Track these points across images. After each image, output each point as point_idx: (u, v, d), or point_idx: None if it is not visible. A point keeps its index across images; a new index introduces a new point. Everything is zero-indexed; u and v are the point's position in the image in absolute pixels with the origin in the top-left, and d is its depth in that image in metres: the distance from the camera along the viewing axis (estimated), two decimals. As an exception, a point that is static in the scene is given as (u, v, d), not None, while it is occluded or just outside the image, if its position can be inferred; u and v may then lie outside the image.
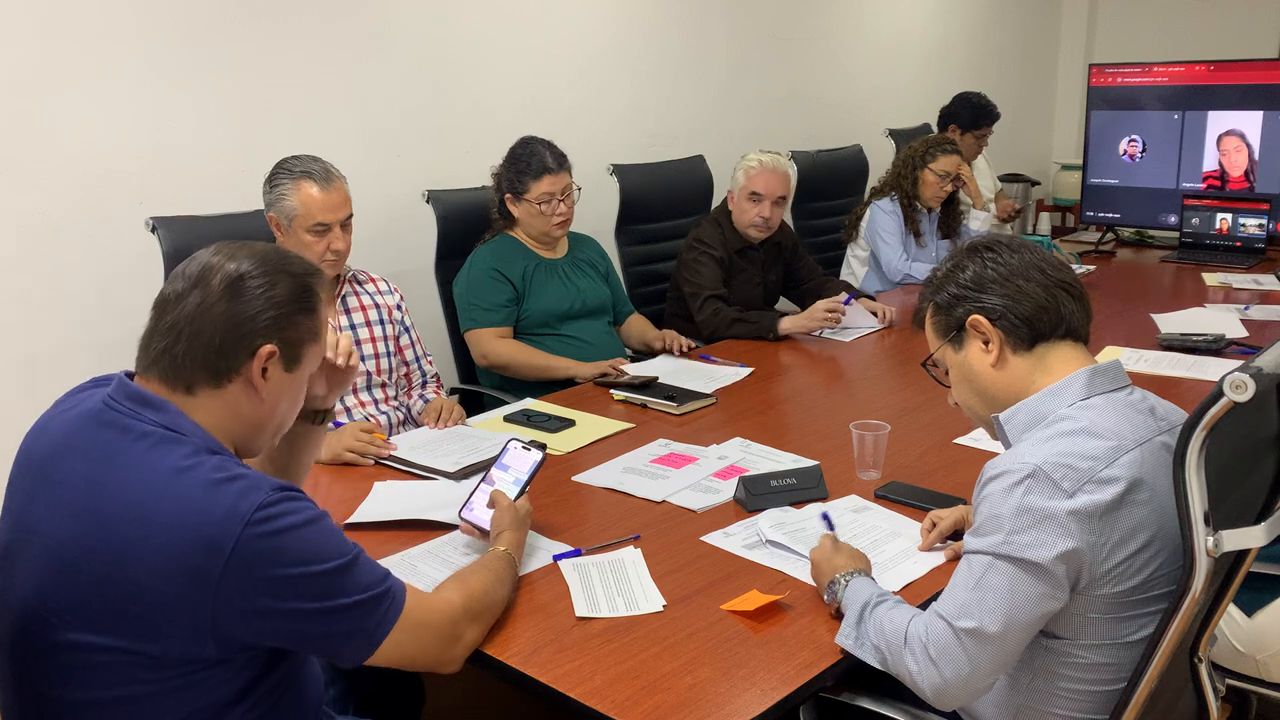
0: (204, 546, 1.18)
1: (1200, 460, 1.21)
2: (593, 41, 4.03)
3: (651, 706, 1.36)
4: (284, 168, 2.41)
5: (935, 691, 1.35)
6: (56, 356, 2.76)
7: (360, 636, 1.30)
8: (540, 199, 2.90)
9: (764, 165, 3.34)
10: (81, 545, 1.21)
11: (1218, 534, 1.23)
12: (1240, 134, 4.54)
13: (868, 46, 5.34)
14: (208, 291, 1.30)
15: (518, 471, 1.80)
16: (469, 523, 1.78)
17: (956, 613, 1.33)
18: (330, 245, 2.40)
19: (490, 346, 2.92)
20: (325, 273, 2.40)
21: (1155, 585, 1.34)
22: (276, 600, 1.22)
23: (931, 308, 1.55)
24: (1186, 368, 2.76)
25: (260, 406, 1.35)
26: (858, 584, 1.52)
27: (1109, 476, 1.30)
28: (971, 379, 1.51)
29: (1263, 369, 1.18)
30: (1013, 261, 1.47)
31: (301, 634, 1.27)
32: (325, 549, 1.26)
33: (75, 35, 2.72)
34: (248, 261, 1.33)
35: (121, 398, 1.29)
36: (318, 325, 1.40)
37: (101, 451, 1.25)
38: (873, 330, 3.25)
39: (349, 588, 1.28)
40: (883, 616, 1.43)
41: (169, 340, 1.29)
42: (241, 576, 1.19)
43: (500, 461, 1.84)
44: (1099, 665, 1.36)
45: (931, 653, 1.34)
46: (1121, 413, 1.39)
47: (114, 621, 1.20)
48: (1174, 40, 6.02)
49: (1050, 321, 1.45)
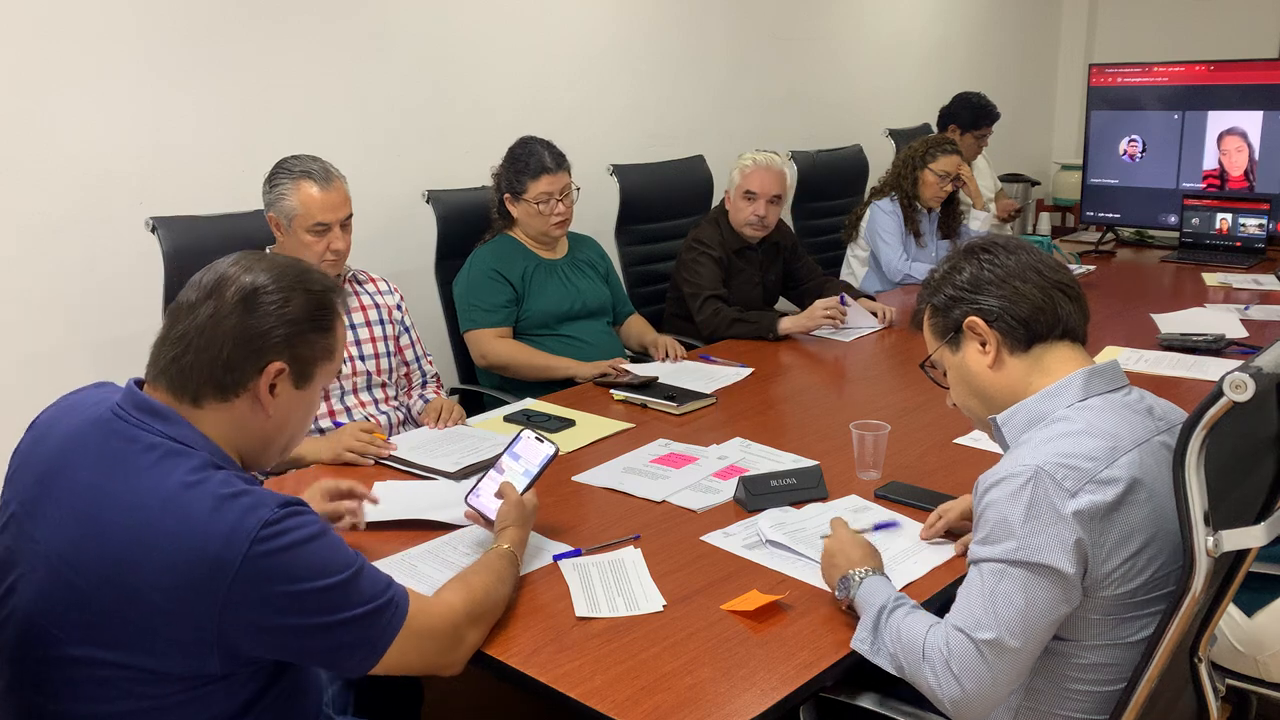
0: (209, 563, 1.17)
1: (1200, 460, 1.21)
2: (593, 41, 4.03)
3: (651, 706, 1.36)
4: (283, 167, 2.41)
5: (956, 704, 1.34)
6: (56, 356, 2.76)
7: (365, 648, 1.30)
8: (538, 199, 2.90)
9: (758, 164, 3.33)
10: (82, 554, 1.20)
11: (1218, 534, 1.22)
12: (1242, 133, 4.54)
13: (868, 46, 5.34)
14: (221, 303, 1.29)
15: (528, 463, 1.79)
16: (474, 509, 1.77)
17: (973, 625, 1.32)
18: (330, 245, 2.40)
19: (490, 347, 2.92)
20: (345, 290, 2.44)
21: (1156, 586, 1.34)
22: (282, 616, 1.21)
23: (929, 310, 1.55)
24: (1186, 368, 2.76)
25: (267, 423, 1.33)
26: (872, 584, 1.51)
27: (1109, 477, 1.30)
28: (969, 380, 1.51)
29: (1263, 369, 1.18)
30: (1009, 263, 1.47)
31: (306, 648, 1.27)
32: (330, 563, 1.25)
33: (75, 35, 2.72)
34: (264, 275, 1.32)
35: (130, 407, 1.28)
36: (332, 343, 1.38)
37: (108, 461, 1.24)
38: (873, 330, 3.25)
39: (354, 600, 1.27)
40: (900, 624, 1.42)
41: (178, 350, 1.29)
42: (247, 593, 1.19)
43: (512, 450, 1.83)
44: (1100, 666, 1.36)
45: (954, 667, 1.33)
46: (1119, 413, 1.39)
47: (113, 633, 1.19)
48: (1174, 40, 6.01)
49: (1047, 323, 1.45)
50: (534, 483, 1.76)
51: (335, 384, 2.45)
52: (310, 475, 2.18)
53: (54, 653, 1.22)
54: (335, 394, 2.46)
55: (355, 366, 2.49)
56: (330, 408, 2.45)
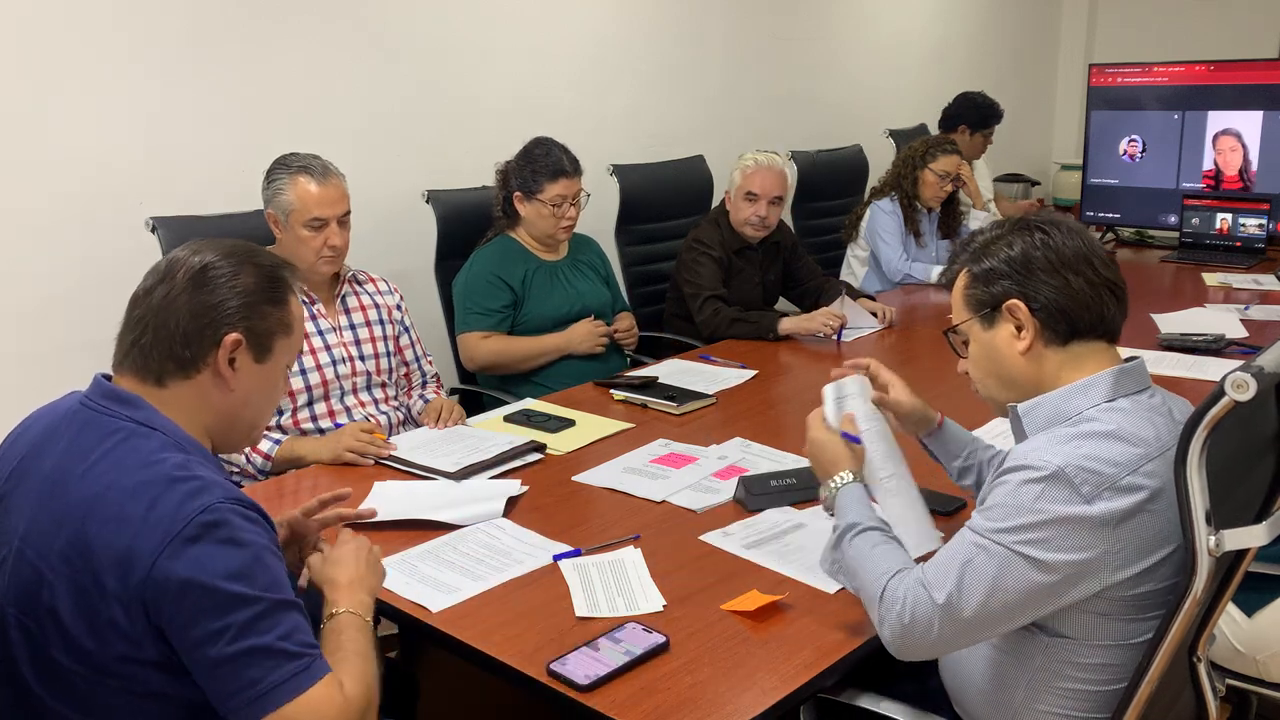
0: (143, 538, 1.17)
1: (1202, 459, 1.21)
2: (593, 42, 4.03)
3: (651, 706, 1.36)
4: (281, 164, 2.42)
5: (895, 645, 1.37)
6: (56, 356, 2.75)
7: (251, 690, 1.16)
8: (553, 201, 2.90)
9: (759, 164, 3.33)
10: (42, 535, 1.22)
11: (1219, 533, 1.22)
12: (1236, 133, 4.54)
13: (868, 46, 5.34)
14: (173, 284, 1.31)
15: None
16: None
17: (937, 584, 1.33)
18: (327, 240, 2.40)
19: (475, 349, 2.92)
20: (324, 269, 2.44)
21: (1161, 588, 1.33)
22: (194, 610, 1.16)
23: (967, 276, 1.46)
24: (1187, 368, 2.76)
25: (230, 397, 1.34)
26: (848, 496, 1.51)
27: (1131, 484, 1.28)
28: (995, 360, 1.45)
29: (1264, 368, 1.18)
30: (1066, 249, 1.38)
31: (201, 661, 1.18)
32: (256, 576, 1.19)
33: (75, 35, 2.72)
34: (213, 254, 1.34)
35: (98, 396, 1.30)
36: (287, 317, 1.39)
37: (74, 448, 1.26)
38: (873, 330, 3.25)
39: (262, 628, 1.17)
40: (867, 554, 1.43)
41: (136, 333, 1.31)
42: (170, 573, 1.16)
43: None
44: (1102, 665, 1.36)
45: (905, 617, 1.34)
46: (1147, 417, 1.35)
47: (69, 617, 1.19)
48: (1174, 40, 6.01)
49: (1091, 322, 1.39)
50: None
51: (335, 384, 2.45)
52: (310, 475, 2.18)
53: (28, 641, 1.23)
54: (335, 394, 2.46)
55: (355, 367, 2.49)
56: (330, 408, 2.45)
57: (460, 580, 1.69)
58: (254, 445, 1.52)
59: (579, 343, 2.95)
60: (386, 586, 1.66)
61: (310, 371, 2.41)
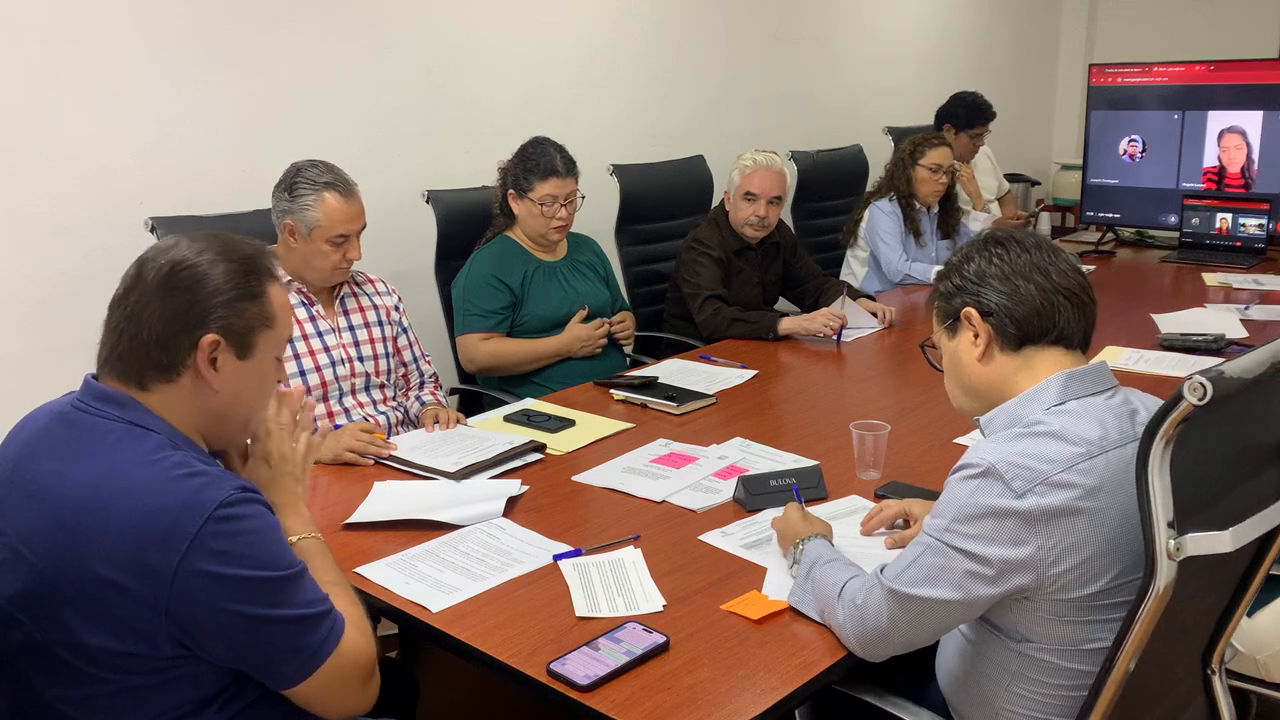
0: (160, 541, 1.17)
1: (1165, 463, 1.19)
2: (593, 41, 4.03)
3: (651, 706, 1.36)
4: (306, 178, 2.38)
5: (856, 639, 1.44)
6: (55, 356, 2.76)
7: (304, 653, 1.27)
8: (543, 200, 2.90)
9: (759, 164, 3.33)
10: (39, 534, 1.22)
11: (1181, 537, 1.21)
12: (1242, 132, 4.54)
13: (868, 46, 5.34)
14: (144, 288, 1.30)
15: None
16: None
17: (891, 576, 1.41)
18: (346, 254, 2.42)
19: (475, 351, 2.92)
20: (337, 279, 2.45)
21: (1120, 592, 1.32)
22: (226, 599, 1.20)
23: (935, 293, 1.58)
24: (1187, 368, 2.76)
25: (216, 397, 1.32)
26: (813, 545, 1.62)
27: (1063, 481, 1.30)
28: (957, 368, 1.53)
29: (1225, 372, 1.16)
30: (1019, 260, 1.46)
31: (242, 643, 1.24)
32: (277, 558, 1.25)
33: (76, 35, 2.72)
34: (182, 251, 1.32)
35: (89, 397, 1.30)
36: (268, 310, 1.35)
37: (68, 448, 1.26)
38: (873, 330, 3.25)
39: (295, 599, 1.26)
40: (824, 570, 1.54)
41: (114, 340, 1.31)
42: (197, 569, 1.18)
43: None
44: (1072, 671, 1.36)
45: (860, 608, 1.43)
46: (1096, 417, 1.37)
47: (70, 613, 1.20)
48: (1174, 40, 6.02)
49: (1042, 327, 1.44)
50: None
51: (334, 385, 2.45)
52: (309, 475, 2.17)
53: (23, 639, 1.23)
54: (334, 395, 2.46)
55: (354, 367, 2.49)
56: (329, 408, 2.45)
57: (460, 580, 1.69)
58: (253, 438, 1.51)
59: (575, 346, 2.95)
60: (387, 586, 1.67)
61: (309, 373, 2.42)
